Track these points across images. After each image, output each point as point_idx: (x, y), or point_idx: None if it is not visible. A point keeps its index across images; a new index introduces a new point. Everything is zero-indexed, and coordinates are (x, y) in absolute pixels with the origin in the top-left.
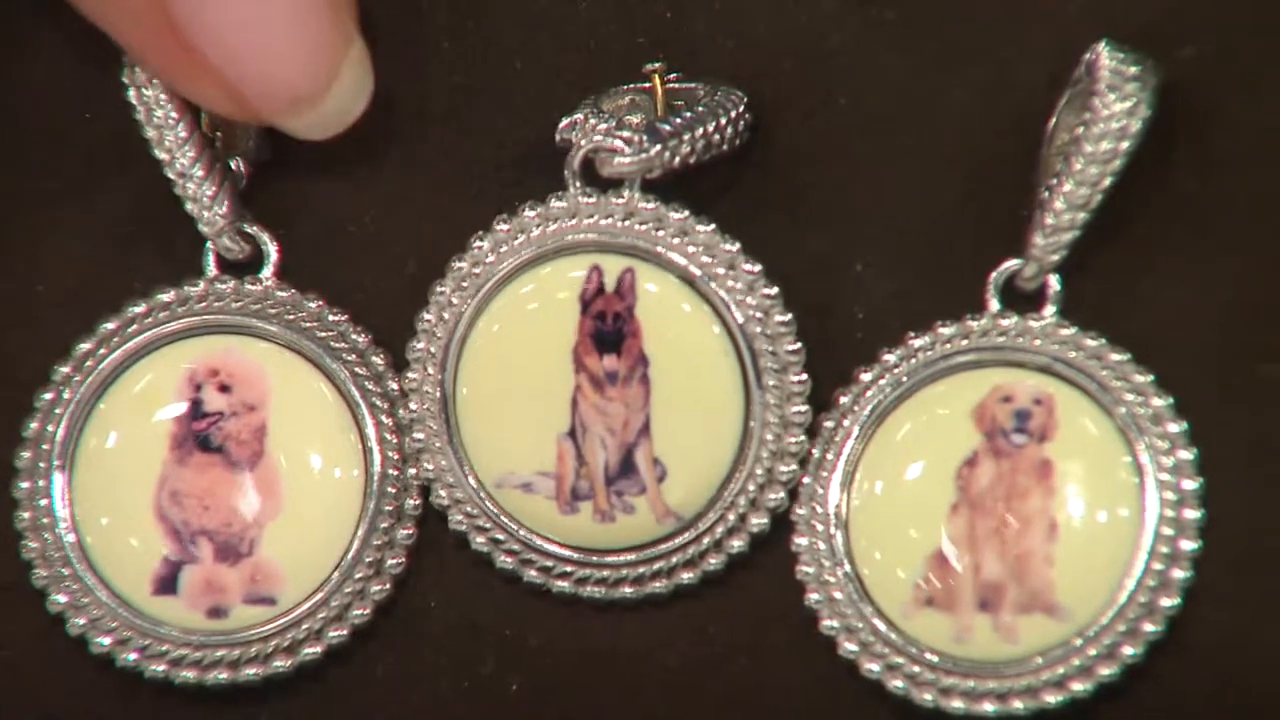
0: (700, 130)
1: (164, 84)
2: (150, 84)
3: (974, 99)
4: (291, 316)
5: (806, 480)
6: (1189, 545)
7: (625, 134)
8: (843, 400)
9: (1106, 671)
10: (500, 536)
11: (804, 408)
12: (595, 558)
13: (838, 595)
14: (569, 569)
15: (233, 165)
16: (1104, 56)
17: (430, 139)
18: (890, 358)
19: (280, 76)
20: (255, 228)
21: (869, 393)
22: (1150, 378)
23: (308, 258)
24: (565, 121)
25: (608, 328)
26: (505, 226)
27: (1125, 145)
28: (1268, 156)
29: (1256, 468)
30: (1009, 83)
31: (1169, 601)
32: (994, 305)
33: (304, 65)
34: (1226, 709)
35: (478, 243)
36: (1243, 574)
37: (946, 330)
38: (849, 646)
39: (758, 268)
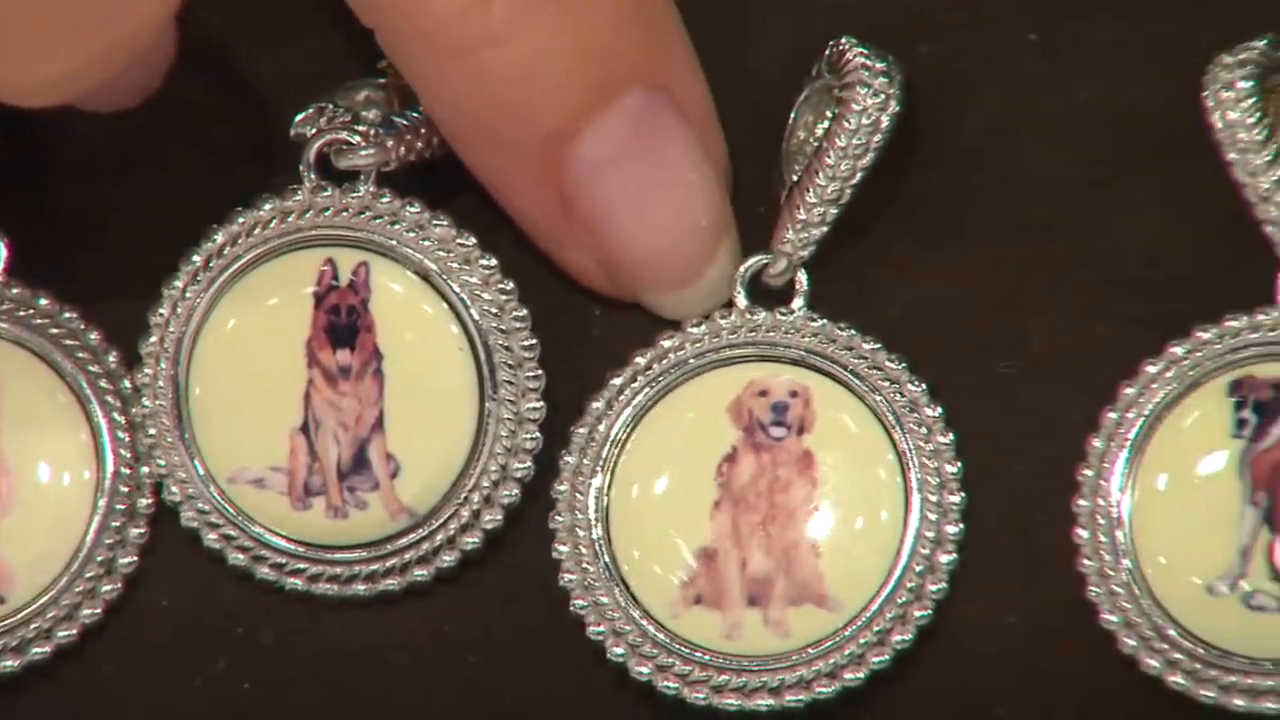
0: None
1: (537, 242)
2: None
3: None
4: (22, 313)
5: (563, 487)
6: (952, 529)
7: (361, 128)
8: (595, 405)
9: (878, 659)
10: (232, 533)
11: (539, 404)
12: (328, 554)
13: (604, 600)
14: (301, 566)
15: None
16: (851, 51)
17: (164, 135)
18: (641, 360)
19: (660, 257)
20: None
21: (622, 396)
22: (904, 365)
23: (39, 255)
24: (300, 116)
25: (341, 322)
26: (240, 220)
27: (876, 140)
28: (1002, 151)
29: (1006, 453)
30: (743, 79)
31: (936, 586)
32: (741, 301)
33: (685, 249)
34: (991, 688)
35: (211, 236)
36: (1004, 558)
37: (696, 330)
38: (618, 650)
39: (494, 262)
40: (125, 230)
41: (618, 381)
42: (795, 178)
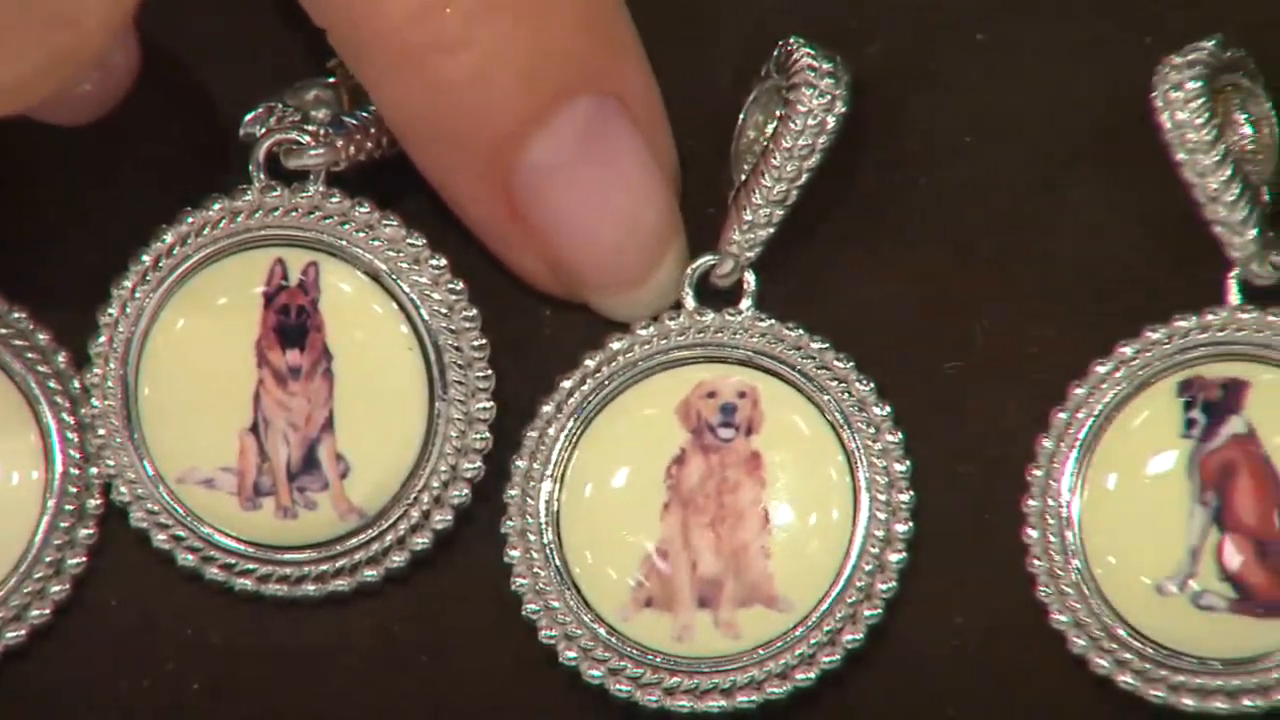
0: (384, 124)
1: (486, 244)
2: None
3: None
4: None
5: (514, 492)
6: (901, 528)
7: (310, 128)
8: (545, 409)
9: (829, 659)
10: (182, 534)
11: (489, 404)
12: (278, 555)
13: (555, 604)
14: (251, 566)
15: None
16: (798, 52)
17: (114, 135)
18: (591, 362)
19: (609, 261)
20: None
21: (571, 399)
22: (851, 364)
23: None
24: (250, 115)
25: (290, 322)
26: (189, 220)
27: (822, 141)
28: (950, 151)
29: (954, 454)
30: (693, 80)
31: (886, 585)
32: (690, 302)
33: (633, 253)
34: (942, 689)
35: (161, 236)
36: (953, 558)
37: (645, 331)
38: (570, 654)
39: (443, 263)
40: (74, 230)
41: (567, 384)
42: (743, 178)
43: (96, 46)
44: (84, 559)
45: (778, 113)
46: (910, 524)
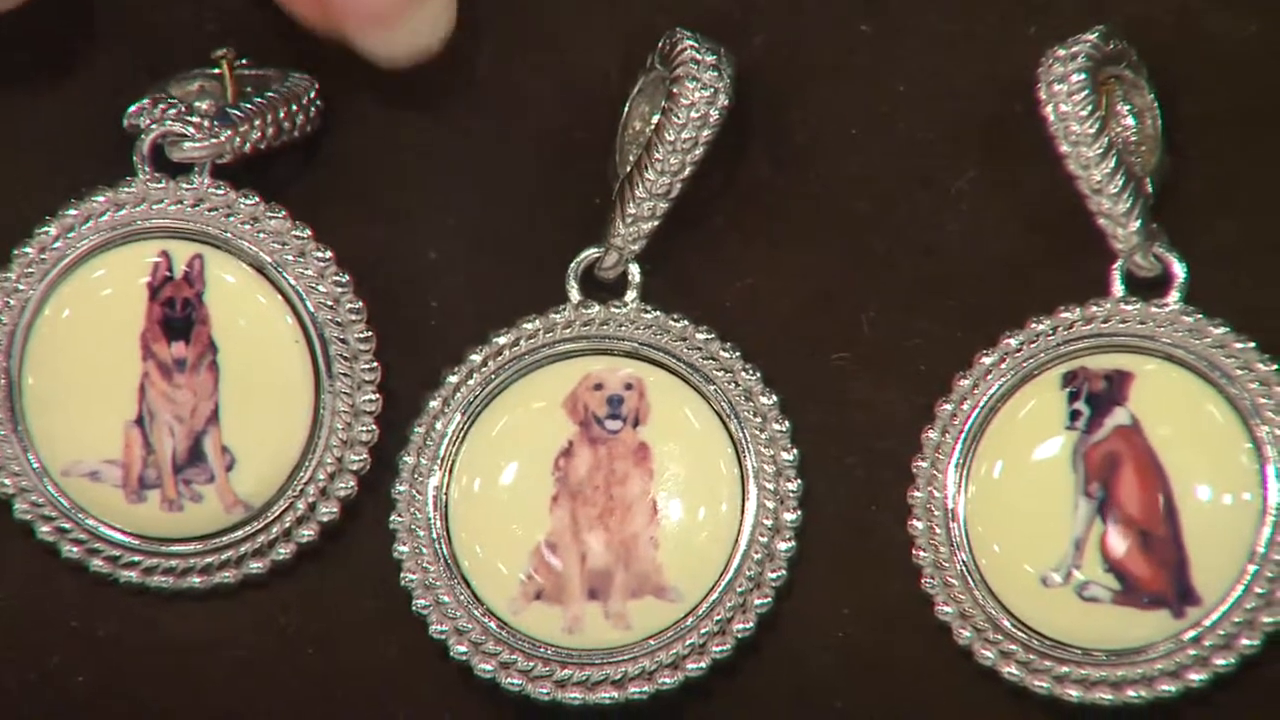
0: (270, 116)
1: None
2: None
3: (546, 87)
4: None
5: (402, 488)
6: (790, 516)
7: (195, 119)
8: (432, 404)
9: (719, 649)
10: (66, 525)
11: (374, 396)
12: (163, 547)
13: (445, 599)
14: (136, 558)
15: None
16: (682, 44)
17: None
18: (476, 357)
19: None
20: None
21: (458, 394)
22: (737, 354)
23: None
24: (134, 107)
25: (176, 314)
26: (73, 212)
27: (706, 134)
28: (836, 143)
29: (840, 445)
30: (580, 70)
31: (775, 574)
32: (575, 295)
33: None
34: (828, 680)
35: (44, 228)
36: (839, 550)
37: (531, 325)
38: (460, 649)
39: (329, 255)
40: None
41: (453, 379)
42: (627, 171)
43: None
44: None
45: (662, 104)
46: (799, 512)
